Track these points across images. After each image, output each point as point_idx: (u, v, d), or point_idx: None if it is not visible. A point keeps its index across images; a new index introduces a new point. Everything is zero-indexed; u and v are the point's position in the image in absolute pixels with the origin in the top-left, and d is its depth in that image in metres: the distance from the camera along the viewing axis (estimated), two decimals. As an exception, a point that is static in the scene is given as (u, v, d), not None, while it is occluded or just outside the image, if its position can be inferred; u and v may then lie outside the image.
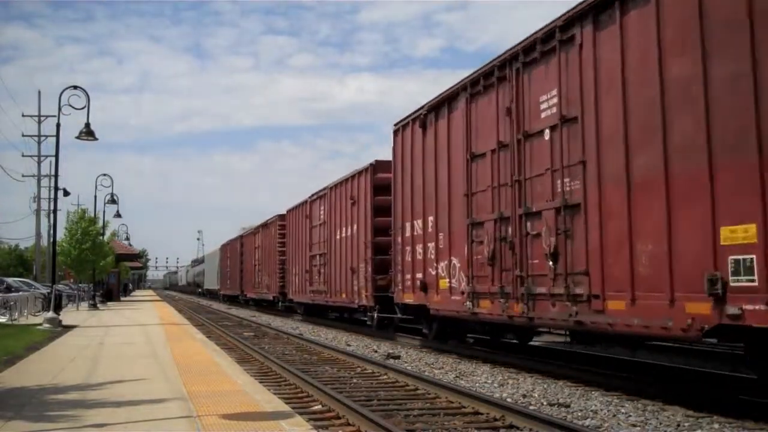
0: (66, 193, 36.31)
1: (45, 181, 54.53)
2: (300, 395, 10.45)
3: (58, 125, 21.66)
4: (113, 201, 38.31)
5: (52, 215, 28.12)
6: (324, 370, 13.18)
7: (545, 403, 9.48)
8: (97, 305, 37.61)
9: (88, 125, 21.52)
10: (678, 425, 8.05)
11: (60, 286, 36.26)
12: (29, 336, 17.89)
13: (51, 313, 21.57)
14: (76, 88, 21.47)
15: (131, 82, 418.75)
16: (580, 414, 8.73)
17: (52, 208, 27.18)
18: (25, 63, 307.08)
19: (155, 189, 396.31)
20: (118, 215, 43.30)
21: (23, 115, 53.68)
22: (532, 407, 9.04)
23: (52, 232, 27.99)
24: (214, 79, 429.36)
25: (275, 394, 9.38)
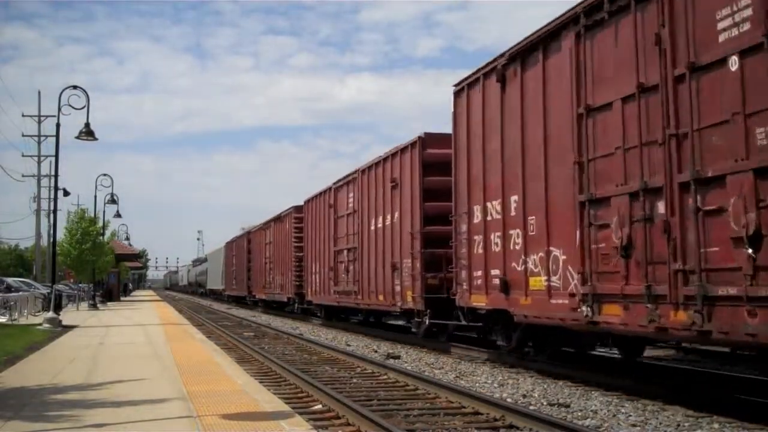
0: (66, 193, 36.46)
1: (45, 181, 54.66)
2: (300, 395, 10.46)
3: (58, 125, 21.69)
4: (113, 201, 38.38)
5: (52, 215, 28.20)
6: (324, 370, 13.19)
7: (545, 403, 9.48)
8: (97, 305, 37.61)
9: (88, 125, 21.55)
10: (678, 425, 8.05)
11: (60, 286, 36.29)
12: (29, 336, 17.89)
13: (51, 313, 21.59)
14: (76, 88, 21.53)
15: (131, 82, 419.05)
16: (580, 414, 8.74)
17: (52, 208, 27.28)
18: (25, 63, 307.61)
19: (155, 189, 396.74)
20: (118, 215, 43.44)
21: (23, 115, 53.82)
22: (532, 407, 9.04)
23: (52, 232, 28.07)
24: (214, 79, 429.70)
25: (275, 394, 9.38)
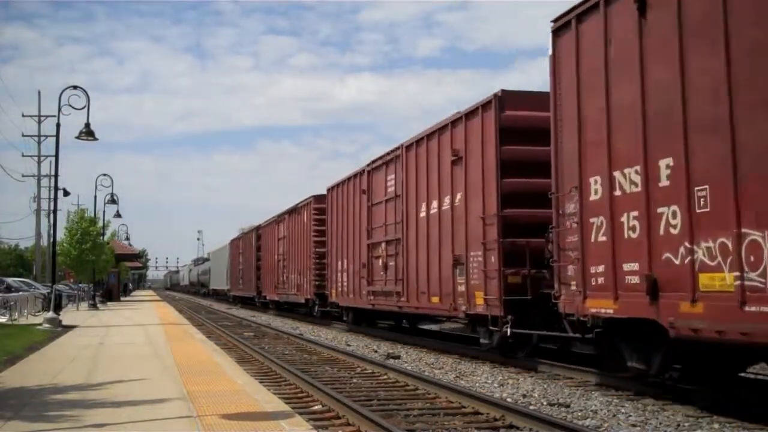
0: (66, 193, 36.48)
1: (45, 181, 54.61)
2: (300, 395, 10.46)
3: (58, 125, 21.69)
4: (113, 201, 38.37)
5: (52, 215, 28.19)
6: (324, 370, 13.19)
7: (545, 403, 9.48)
8: (97, 305, 37.61)
9: (88, 125, 21.55)
10: (678, 425, 8.05)
11: (60, 286, 36.28)
12: (29, 336, 17.89)
13: (51, 313, 21.58)
14: (76, 88, 21.52)
15: (131, 82, 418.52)
16: (580, 414, 8.74)
17: (52, 208, 27.28)
18: (25, 63, 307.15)
19: (155, 189, 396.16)
20: (118, 215, 43.42)
21: (23, 115, 53.72)
22: (532, 407, 9.04)
23: (52, 232, 28.07)
24: (214, 79, 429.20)
25: (275, 394, 9.39)
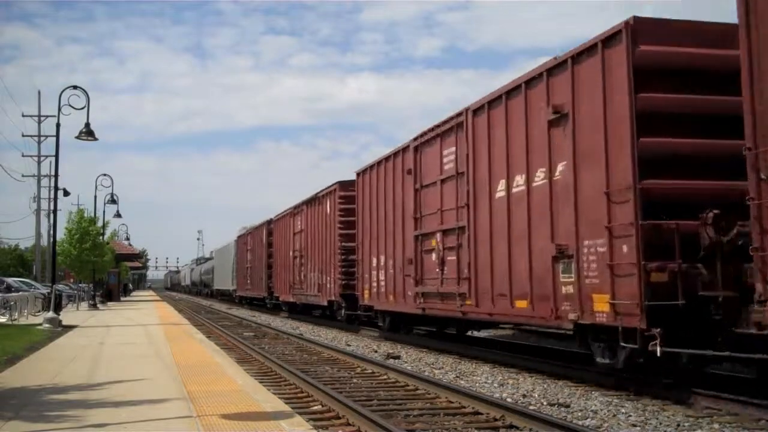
0: (66, 193, 36.47)
1: (45, 181, 54.51)
2: (300, 395, 10.46)
3: (58, 125, 21.68)
4: (113, 201, 38.32)
5: (52, 215, 28.19)
6: (324, 370, 13.18)
7: (545, 403, 9.49)
8: (97, 305, 37.61)
9: (88, 125, 21.53)
10: (678, 425, 8.05)
11: (60, 286, 36.26)
12: (29, 336, 17.88)
13: (51, 313, 21.57)
14: (76, 88, 21.49)
15: (132, 82, 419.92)
16: (580, 414, 8.74)
17: (52, 208, 27.29)
18: (25, 63, 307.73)
19: (155, 189, 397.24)
20: (118, 215, 43.31)
21: (23, 115, 53.78)
22: (532, 407, 9.04)
23: (52, 232, 28.05)
24: (214, 79, 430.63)
25: (275, 394, 9.39)
